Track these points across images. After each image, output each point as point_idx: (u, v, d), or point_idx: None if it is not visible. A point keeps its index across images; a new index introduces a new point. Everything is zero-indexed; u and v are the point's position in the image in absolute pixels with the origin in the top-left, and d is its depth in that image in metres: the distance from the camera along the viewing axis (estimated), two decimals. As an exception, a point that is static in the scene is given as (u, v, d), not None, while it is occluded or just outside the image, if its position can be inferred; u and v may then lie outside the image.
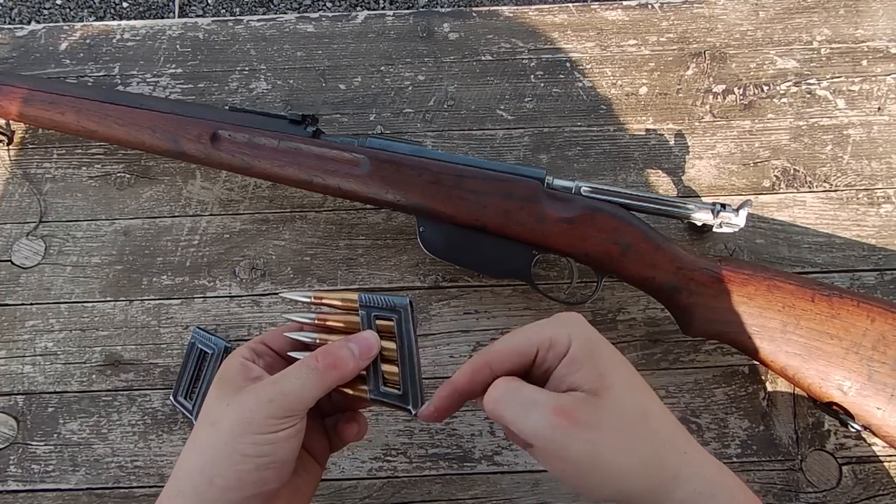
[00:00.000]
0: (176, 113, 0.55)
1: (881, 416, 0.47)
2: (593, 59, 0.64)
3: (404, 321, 0.38)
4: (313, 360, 0.37)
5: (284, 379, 0.36)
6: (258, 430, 0.35)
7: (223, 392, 0.37)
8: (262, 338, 0.40)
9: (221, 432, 0.35)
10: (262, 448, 0.35)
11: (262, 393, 0.35)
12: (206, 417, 0.36)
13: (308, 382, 0.36)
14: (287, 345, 0.41)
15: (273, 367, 0.39)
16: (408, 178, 0.52)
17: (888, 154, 0.60)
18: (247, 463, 0.34)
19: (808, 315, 0.48)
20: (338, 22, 0.66)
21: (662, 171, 0.60)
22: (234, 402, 0.35)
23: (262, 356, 0.40)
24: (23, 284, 0.58)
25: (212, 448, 0.35)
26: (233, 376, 0.37)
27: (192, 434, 0.37)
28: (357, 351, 0.37)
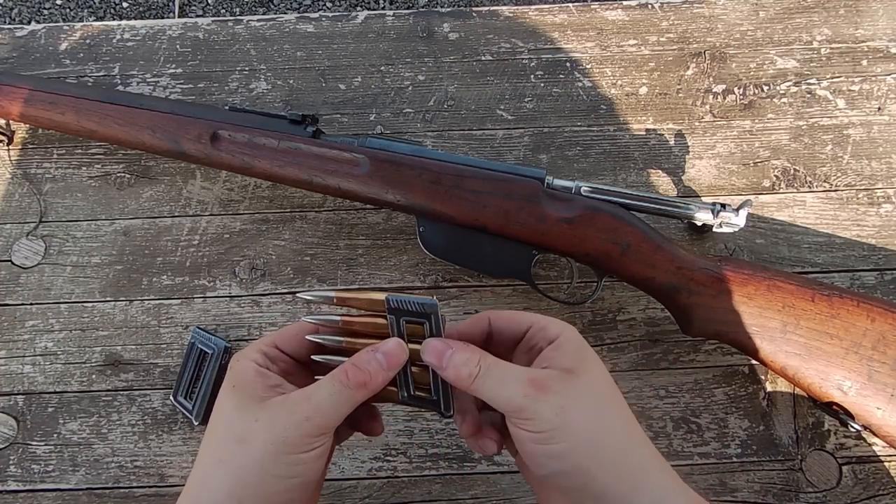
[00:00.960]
0: (176, 113, 0.55)
1: (881, 416, 0.47)
2: (593, 59, 0.64)
3: (434, 325, 0.36)
4: (343, 377, 0.35)
5: (318, 394, 0.34)
6: (293, 450, 0.33)
7: (245, 403, 0.34)
8: (273, 340, 0.38)
9: (253, 451, 0.33)
10: (296, 468, 0.34)
11: (298, 410, 0.33)
12: (228, 431, 0.34)
13: (341, 399, 0.34)
14: (305, 348, 0.39)
15: (288, 372, 0.38)
16: (408, 178, 0.52)
17: (888, 154, 0.60)
18: (279, 484, 0.33)
19: (808, 315, 0.48)
20: (338, 22, 0.66)
21: (662, 171, 0.61)
22: (264, 417, 0.33)
23: (275, 361, 0.37)
24: (23, 284, 0.58)
25: (242, 468, 0.33)
26: (250, 384, 0.35)
27: (210, 449, 0.35)
28: (385, 364, 0.36)
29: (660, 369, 0.55)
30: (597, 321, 0.56)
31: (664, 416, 0.54)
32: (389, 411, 0.54)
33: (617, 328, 0.56)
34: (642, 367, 0.55)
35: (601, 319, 0.57)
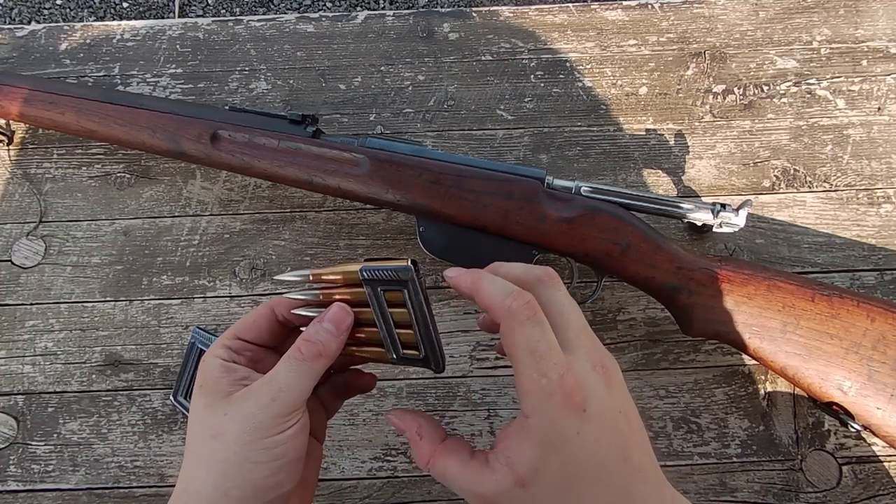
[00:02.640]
0: (176, 113, 0.55)
1: (881, 416, 0.47)
2: (593, 59, 0.64)
3: (412, 291, 0.36)
4: (297, 353, 0.35)
5: (278, 375, 0.35)
6: (266, 434, 0.33)
7: (212, 400, 0.35)
8: (234, 332, 0.38)
9: (228, 442, 0.33)
10: (274, 451, 0.34)
11: (262, 394, 0.34)
12: (202, 430, 0.35)
13: (301, 374, 0.35)
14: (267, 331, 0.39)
15: (256, 360, 0.38)
16: (408, 178, 0.52)
17: (888, 154, 0.60)
18: (261, 470, 0.33)
19: (808, 315, 0.48)
20: (338, 22, 0.66)
21: (662, 171, 0.61)
22: (232, 410, 0.34)
23: (240, 353, 0.38)
24: (23, 284, 0.58)
25: (221, 461, 0.33)
26: (216, 381, 0.36)
27: (191, 449, 0.35)
28: (335, 329, 0.36)
29: (660, 369, 0.55)
30: (597, 321, 0.56)
31: (664, 416, 0.54)
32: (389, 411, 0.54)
33: (617, 328, 0.56)
34: (642, 367, 0.55)
35: (601, 319, 0.57)
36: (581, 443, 0.31)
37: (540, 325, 0.32)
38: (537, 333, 0.32)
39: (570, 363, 0.32)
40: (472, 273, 0.35)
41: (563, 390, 0.31)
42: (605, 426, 0.32)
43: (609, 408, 0.32)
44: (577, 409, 0.31)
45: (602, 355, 0.34)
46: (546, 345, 0.32)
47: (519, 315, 0.32)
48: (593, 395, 0.31)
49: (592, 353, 0.33)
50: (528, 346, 0.31)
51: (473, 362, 0.56)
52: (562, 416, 0.31)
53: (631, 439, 0.32)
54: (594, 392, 0.31)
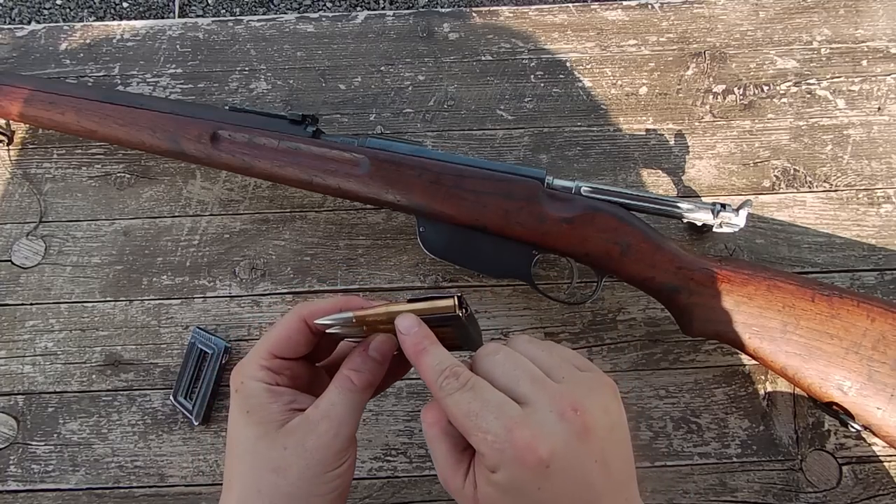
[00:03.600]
0: (176, 113, 0.55)
1: (881, 416, 0.47)
2: (593, 59, 0.64)
3: (459, 326, 0.35)
4: (349, 383, 0.35)
5: (336, 409, 0.34)
6: (329, 468, 0.34)
7: (264, 431, 0.34)
8: (269, 350, 0.36)
9: (292, 478, 0.33)
10: (334, 483, 0.34)
11: (323, 429, 0.34)
12: (260, 463, 0.34)
13: (355, 404, 0.35)
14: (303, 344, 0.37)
15: (295, 378, 0.37)
16: (408, 178, 0.52)
17: (888, 154, 0.60)
18: (321, 501, 0.34)
19: (808, 315, 0.48)
20: (338, 22, 0.66)
21: (662, 171, 0.61)
22: (292, 444, 0.34)
23: (280, 373, 0.36)
24: (23, 284, 0.58)
25: (285, 496, 0.34)
26: (265, 408, 0.35)
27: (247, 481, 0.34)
28: (380, 358, 0.36)
29: (660, 369, 0.55)
30: (597, 321, 0.56)
31: (664, 416, 0.54)
32: (389, 412, 0.54)
33: (617, 328, 0.56)
34: (642, 367, 0.55)
35: (601, 319, 0.57)
36: (541, 497, 0.31)
37: (470, 391, 0.32)
38: (467, 398, 0.32)
39: (524, 416, 0.31)
40: (417, 342, 0.34)
41: (514, 445, 0.30)
42: (570, 480, 0.31)
43: (579, 459, 0.31)
44: (538, 466, 0.30)
45: (577, 397, 0.32)
46: (479, 404, 0.31)
47: (447, 389, 0.32)
48: (559, 448, 0.30)
49: (559, 399, 0.31)
50: (461, 412, 0.32)
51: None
52: (520, 472, 0.30)
53: (604, 490, 0.32)
54: (560, 444, 0.31)
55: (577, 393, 0.32)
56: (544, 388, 0.32)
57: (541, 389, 0.32)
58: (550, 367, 0.34)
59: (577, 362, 0.35)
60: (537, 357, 0.34)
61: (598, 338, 0.56)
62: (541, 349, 0.35)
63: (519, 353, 0.34)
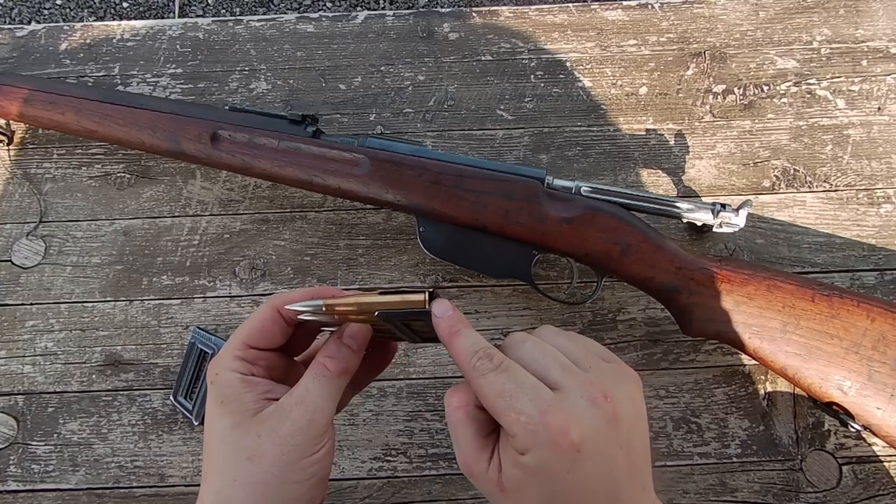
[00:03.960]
0: (176, 113, 0.55)
1: (881, 416, 0.47)
2: (593, 59, 0.64)
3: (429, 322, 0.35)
4: (324, 370, 0.35)
5: (310, 395, 0.35)
6: (304, 455, 0.34)
7: (239, 419, 0.34)
8: (244, 340, 0.36)
9: (266, 465, 0.33)
10: (310, 470, 0.34)
11: (297, 415, 0.34)
12: (235, 451, 0.34)
13: (330, 391, 0.35)
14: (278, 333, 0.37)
15: (271, 369, 0.37)
16: (408, 178, 0.52)
17: (888, 154, 0.60)
18: (299, 488, 0.34)
19: (808, 315, 0.48)
20: (338, 22, 0.66)
21: (662, 171, 0.61)
22: (266, 432, 0.34)
23: (255, 363, 0.36)
24: (23, 284, 0.58)
25: (259, 483, 0.33)
26: (239, 398, 0.35)
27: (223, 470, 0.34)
28: (356, 346, 0.37)
29: (660, 369, 0.55)
30: (597, 321, 0.56)
31: (664, 416, 0.54)
32: (389, 412, 0.54)
33: (617, 328, 0.56)
34: (642, 367, 0.55)
35: (601, 319, 0.57)
36: (569, 480, 0.31)
37: (504, 373, 0.32)
38: (501, 379, 0.32)
39: (557, 400, 0.31)
40: (451, 324, 0.34)
41: (548, 428, 0.31)
42: (598, 465, 0.32)
43: (608, 445, 0.32)
44: (570, 450, 0.31)
45: (606, 385, 0.32)
46: (514, 385, 0.32)
47: (481, 369, 0.33)
48: (589, 433, 0.31)
49: (589, 386, 0.32)
50: (495, 392, 0.32)
51: (473, 362, 0.55)
52: (551, 455, 0.31)
53: (626, 477, 0.32)
54: (590, 429, 0.31)
55: (605, 381, 0.33)
56: (574, 376, 0.33)
57: (571, 376, 0.33)
58: (577, 357, 0.34)
59: (603, 353, 0.36)
60: (565, 347, 0.35)
61: (598, 338, 0.56)
62: (567, 339, 0.36)
63: (547, 343, 0.35)
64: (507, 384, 0.32)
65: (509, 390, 0.32)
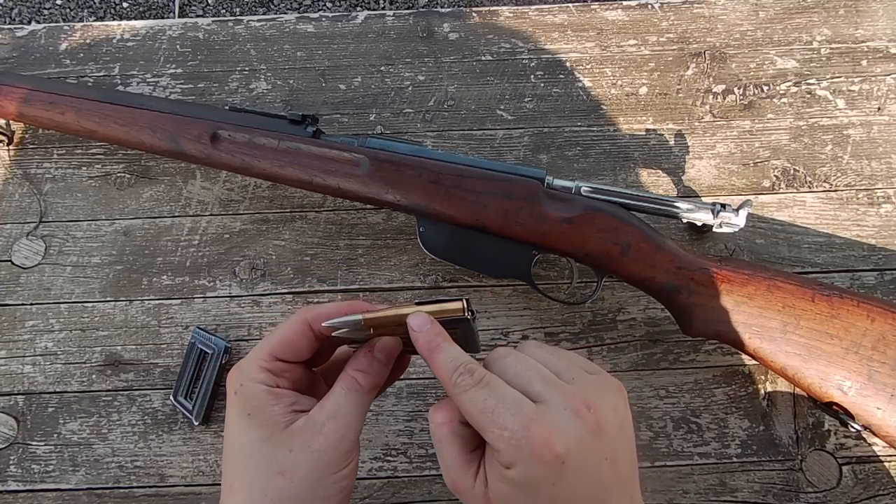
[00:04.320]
0: (176, 113, 0.55)
1: (881, 416, 0.47)
2: (593, 59, 0.64)
3: (465, 330, 0.36)
4: (355, 384, 0.35)
5: (342, 410, 0.34)
6: (336, 469, 0.34)
7: (269, 434, 0.34)
8: (270, 352, 0.36)
9: (299, 480, 0.33)
10: (341, 484, 0.34)
11: (329, 431, 0.34)
12: (265, 466, 0.34)
13: (360, 406, 0.35)
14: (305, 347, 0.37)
15: (296, 380, 0.37)
16: (408, 178, 0.52)
17: (888, 154, 0.60)
18: (329, 502, 0.34)
19: (808, 315, 0.48)
20: (338, 22, 0.66)
21: (662, 171, 0.61)
22: (298, 447, 0.34)
23: (281, 375, 0.36)
24: (23, 284, 0.58)
25: (291, 498, 0.33)
26: (267, 411, 0.34)
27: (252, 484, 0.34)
28: (385, 359, 0.37)
29: (660, 369, 0.55)
30: (597, 321, 0.56)
31: (664, 416, 0.54)
32: (389, 412, 0.54)
33: (617, 328, 0.56)
34: (642, 367, 0.55)
35: (601, 319, 0.57)
36: (556, 493, 0.31)
37: (486, 388, 0.32)
38: (483, 394, 0.32)
39: (540, 413, 0.32)
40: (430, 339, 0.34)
41: (531, 441, 0.31)
42: (584, 476, 0.32)
43: (592, 456, 0.32)
44: (554, 462, 0.31)
45: (589, 396, 0.33)
46: (495, 400, 0.32)
47: (462, 385, 0.33)
48: (574, 444, 0.31)
49: (572, 398, 0.32)
50: (477, 408, 0.32)
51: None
52: (536, 468, 0.31)
53: (613, 487, 0.32)
54: (574, 440, 0.31)
55: (588, 392, 0.33)
56: (557, 388, 0.33)
57: (554, 389, 0.33)
58: (560, 369, 0.34)
59: (585, 365, 0.36)
60: (547, 360, 0.35)
61: (598, 338, 0.56)
62: (549, 353, 0.36)
63: (528, 356, 0.35)
64: (489, 400, 0.32)
65: (491, 406, 0.32)
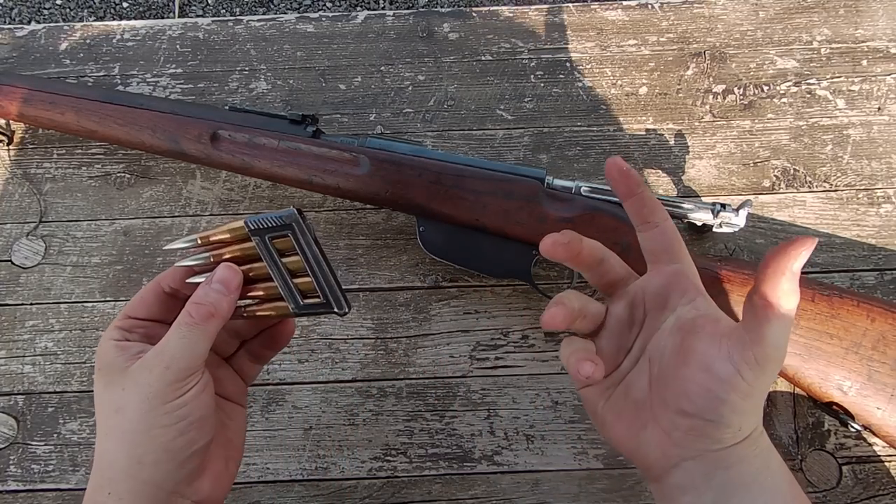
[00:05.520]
0: (176, 113, 0.55)
1: (881, 416, 0.47)
2: (593, 59, 0.64)
3: (300, 233, 0.36)
4: (188, 317, 0.36)
5: (169, 344, 0.36)
6: (166, 399, 0.35)
7: (110, 378, 0.36)
8: (125, 312, 0.39)
9: (130, 413, 0.35)
10: (177, 413, 0.35)
11: (154, 364, 0.35)
12: (106, 407, 0.36)
13: (192, 338, 0.36)
14: (158, 304, 0.39)
15: (150, 335, 0.38)
16: (408, 178, 0.52)
17: (888, 154, 0.60)
18: (168, 433, 0.35)
19: (808, 315, 0.48)
20: (338, 22, 0.66)
21: (662, 171, 0.61)
22: (129, 384, 0.35)
23: (132, 330, 0.38)
24: (23, 284, 0.58)
25: (128, 431, 0.35)
26: (112, 360, 0.36)
27: (100, 427, 0.36)
28: (224, 289, 0.37)
29: (660, 369, 0.55)
30: (597, 321, 0.56)
31: (664, 416, 0.54)
32: (389, 412, 0.54)
33: (617, 328, 0.56)
34: (642, 367, 0.55)
35: (601, 319, 0.56)
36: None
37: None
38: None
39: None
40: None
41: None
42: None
43: None
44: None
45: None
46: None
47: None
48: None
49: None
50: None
51: (473, 362, 0.55)
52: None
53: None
54: None
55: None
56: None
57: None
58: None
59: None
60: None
61: (598, 338, 0.56)
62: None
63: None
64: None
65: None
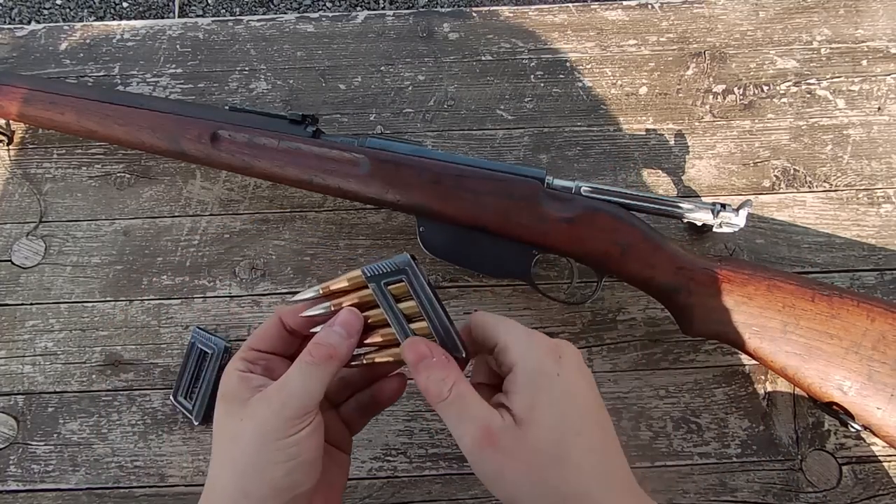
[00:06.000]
0: (176, 113, 0.55)
1: (881, 416, 0.47)
2: (593, 59, 0.64)
3: (414, 277, 0.38)
4: (308, 357, 0.37)
5: (289, 381, 0.36)
6: (280, 436, 0.35)
7: (231, 408, 0.37)
8: (250, 344, 0.40)
9: (245, 445, 0.36)
10: (288, 451, 0.35)
11: (274, 399, 0.36)
12: (223, 435, 0.37)
13: (311, 377, 0.37)
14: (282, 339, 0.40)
15: (271, 369, 0.39)
16: (408, 178, 0.52)
17: (888, 154, 0.60)
18: (277, 469, 0.35)
19: (808, 315, 0.48)
20: (338, 22, 0.66)
21: (662, 171, 0.61)
22: (247, 416, 0.36)
23: (256, 363, 0.39)
24: (23, 284, 0.58)
25: (240, 462, 0.36)
26: (235, 391, 0.37)
27: (215, 453, 0.37)
28: (345, 332, 0.38)
29: (660, 369, 0.55)
30: (597, 321, 0.56)
31: (664, 416, 0.54)
32: (389, 412, 0.54)
33: (617, 328, 0.56)
34: (642, 367, 0.55)
35: (601, 319, 0.57)
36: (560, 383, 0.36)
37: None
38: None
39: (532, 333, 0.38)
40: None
41: (534, 337, 0.37)
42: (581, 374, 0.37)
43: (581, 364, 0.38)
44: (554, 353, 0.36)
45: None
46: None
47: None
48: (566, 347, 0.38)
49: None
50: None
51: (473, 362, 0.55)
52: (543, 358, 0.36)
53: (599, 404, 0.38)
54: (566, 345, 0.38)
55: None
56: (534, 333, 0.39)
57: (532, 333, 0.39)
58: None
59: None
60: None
61: (598, 338, 0.56)
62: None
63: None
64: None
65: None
